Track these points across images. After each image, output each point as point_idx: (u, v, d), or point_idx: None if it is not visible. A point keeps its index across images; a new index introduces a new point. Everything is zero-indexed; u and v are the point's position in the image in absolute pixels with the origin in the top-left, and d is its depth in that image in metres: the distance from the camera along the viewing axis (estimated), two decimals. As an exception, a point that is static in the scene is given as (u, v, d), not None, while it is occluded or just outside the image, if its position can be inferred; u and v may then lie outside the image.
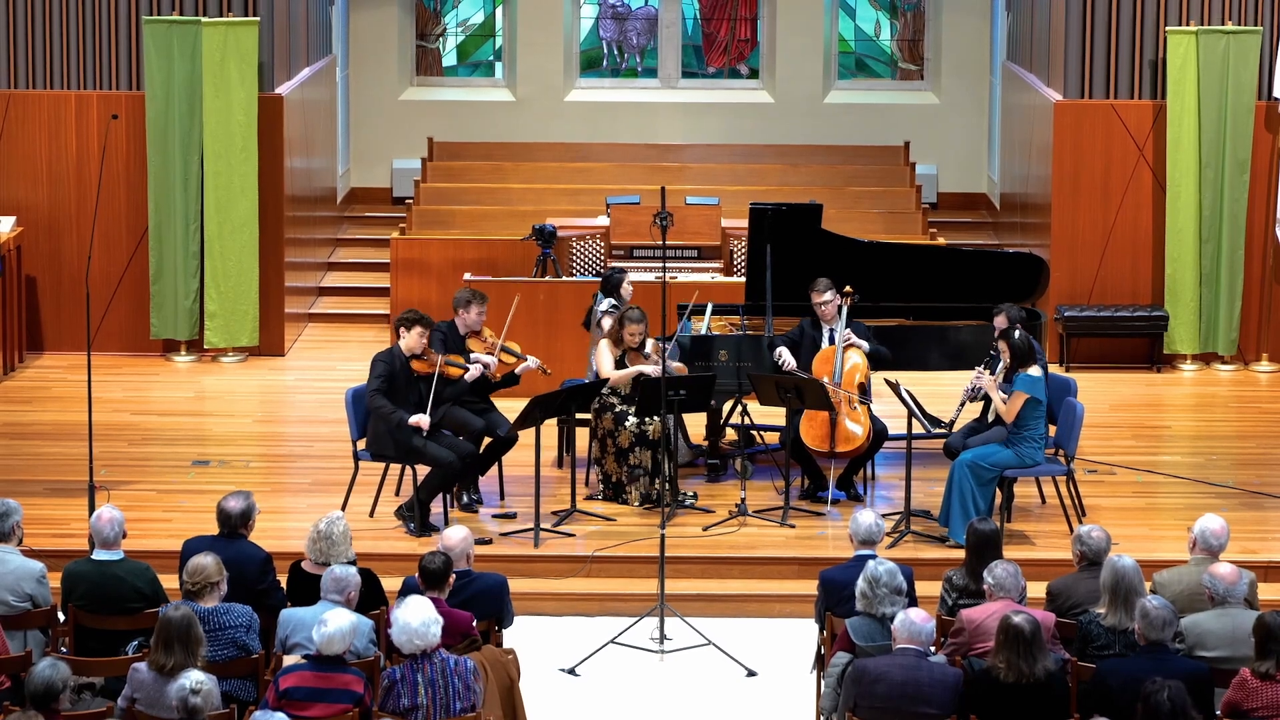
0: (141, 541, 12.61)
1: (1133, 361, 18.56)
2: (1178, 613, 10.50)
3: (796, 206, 16.32)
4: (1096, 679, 10.23)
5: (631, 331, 14.83)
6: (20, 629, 11.28)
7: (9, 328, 17.97)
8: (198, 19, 18.26)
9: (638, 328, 14.84)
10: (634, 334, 14.84)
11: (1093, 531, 11.48)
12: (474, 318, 14.64)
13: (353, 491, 14.54)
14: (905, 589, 10.91)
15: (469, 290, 14.86)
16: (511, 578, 12.02)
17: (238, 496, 11.68)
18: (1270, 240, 18.40)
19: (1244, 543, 13.42)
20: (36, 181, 18.47)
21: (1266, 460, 16.21)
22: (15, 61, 18.45)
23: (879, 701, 10.13)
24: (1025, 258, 16.53)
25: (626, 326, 14.83)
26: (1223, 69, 18.19)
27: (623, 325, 14.86)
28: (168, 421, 16.96)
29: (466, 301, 14.67)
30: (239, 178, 18.38)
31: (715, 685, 12.83)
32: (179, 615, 10.14)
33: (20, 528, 11.64)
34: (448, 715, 10.13)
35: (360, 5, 22.72)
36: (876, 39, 23.19)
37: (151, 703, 9.99)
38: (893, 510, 14.61)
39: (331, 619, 10.20)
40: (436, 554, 11.12)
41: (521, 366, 14.77)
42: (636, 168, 21.58)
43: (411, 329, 14.18)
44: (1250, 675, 10.01)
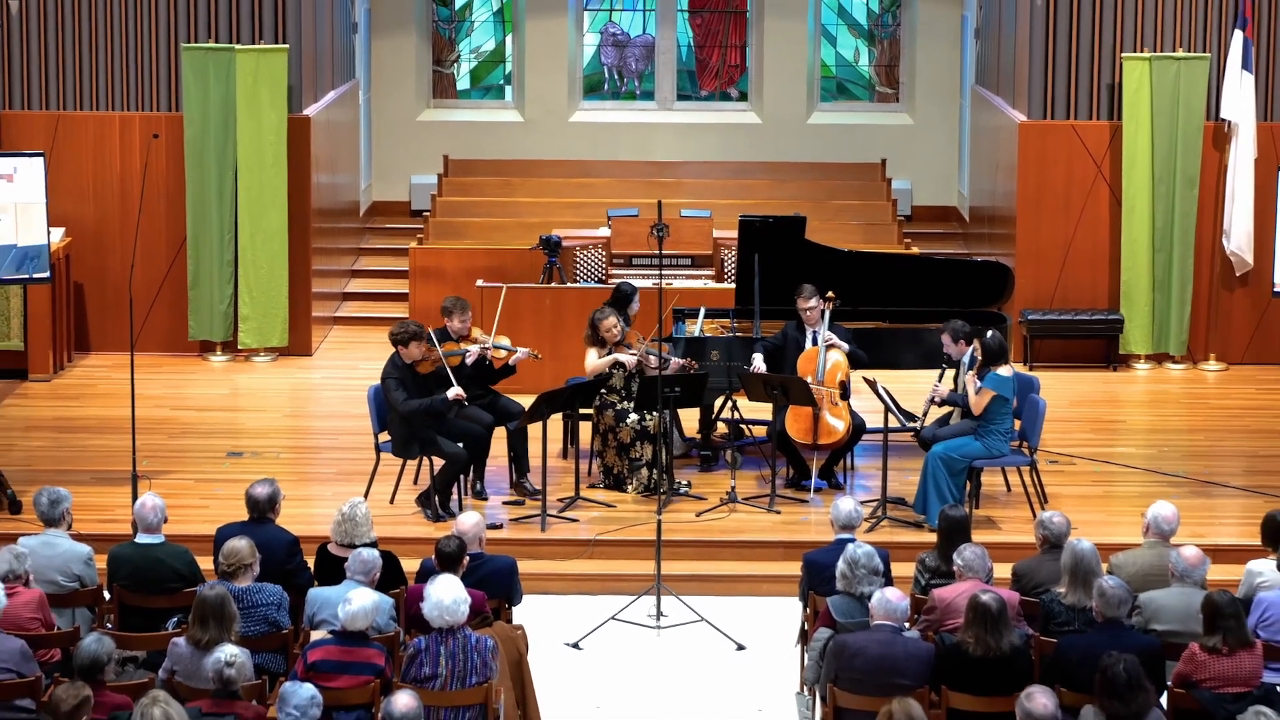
0: (180, 526, 12.62)
1: (1091, 361, 18.57)
2: (1132, 592, 10.51)
3: (782, 218, 16.33)
4: (1058, 653, 10.24)
5: (606, 328, 14.82)
6: (69, 607, 11.30)
7: (58, 330, 17.97)
8: (232, 46, 18.26)
9: (610, 322, 14.80)
10: (609, 329, 14.82)
11: (1054, 517, 11.50)
12: (456, 325, 14.71)
13: (374, 481, 14.55)
14: (882, 570, 10.92)
15: (451, 299, 14.93)
16: (520, 560, 12.03)
17: (264, 483, 11.70)
18: (1218, 250, 18.40)
19: (1193, 528, 13.43)
20: (83, 196, 18.47)
21: (1214, 452, 16.22)
22: (64, 85, 18.46)
23: (858, 674, 10.14)
24: (992, 266, 16.54)
25: (601, 325, 14.81)
26: (1174, 92, 18.20)
27: (596, 327, 14.84)
28: (204, 416, 16.96)
29: (449, 311, 14.77)
30: (270, 192, 18.39)
31: (708, 658, 12.84)
32: (214, 594, 10.16)
33: (69, 514, 11.67)
34: (463, 686, 10.14)
35: (381, 33, 22.71)
36: (856, 65, 23.18)
37: (189, 674, 10.00)
38: (870, 498, 14.61)
39: (355, 597, 10.21)
40: (452, 538, 11.13)
41: (514, 357, 14.79)
42: (635, 183, 21.58)
43: (409, 344, 14.22)
44: (1199, 649, 10.02)
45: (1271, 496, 14.65)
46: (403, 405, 14.08)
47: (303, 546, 11.69)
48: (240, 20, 18.39)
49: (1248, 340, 18.64)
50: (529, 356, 14.84)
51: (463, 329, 14.74)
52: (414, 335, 14.23)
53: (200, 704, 9.49)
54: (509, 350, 14.76)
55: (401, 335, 14.26)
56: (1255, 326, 18.60)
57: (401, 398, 14.07)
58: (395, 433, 14.32)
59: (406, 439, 14.24)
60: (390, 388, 14.12)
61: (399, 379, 14.13)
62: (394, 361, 14.21)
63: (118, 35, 18.40)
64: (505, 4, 23.07)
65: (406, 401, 14.07)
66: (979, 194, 21.23)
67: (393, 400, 14.13)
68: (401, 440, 14.28)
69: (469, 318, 14.80)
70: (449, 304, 14.81)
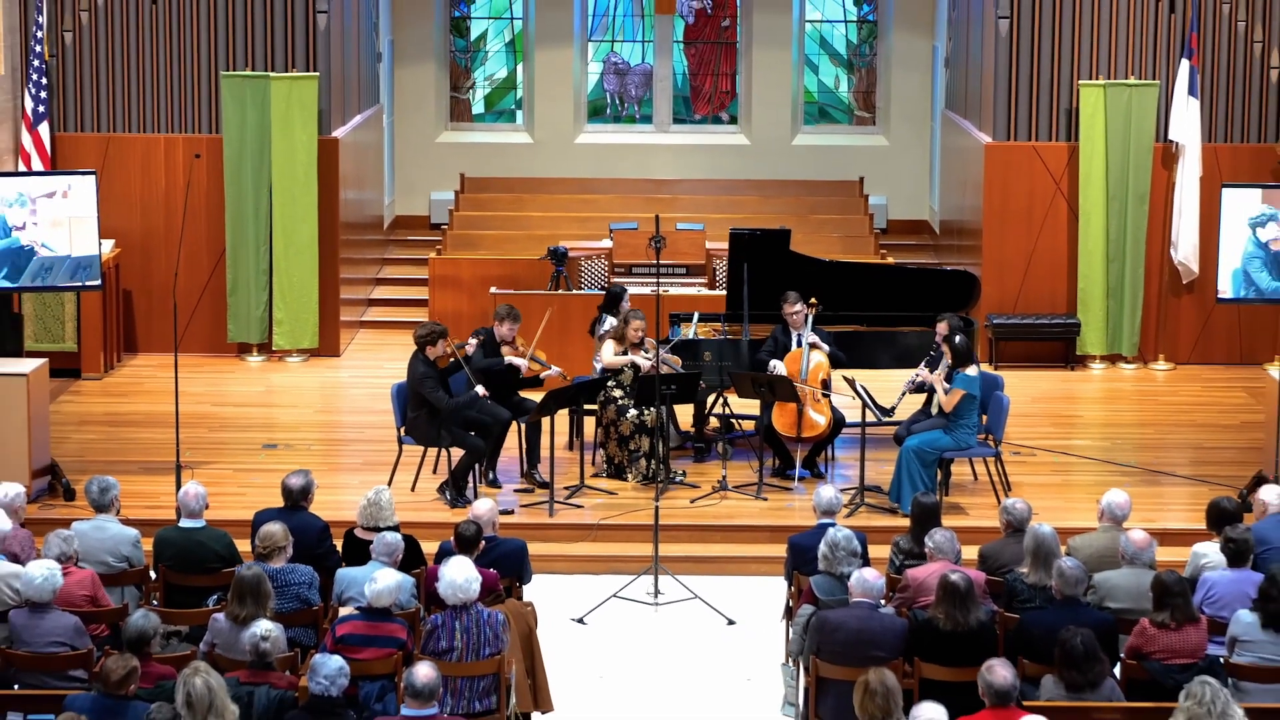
0: (220, 512, 12.63)
1: (1051, 361, 18.56)
2: (1088, 572, 10.52)
3: (769, 231, 16.33)
4: (1020, 628, 10.24)
5: (635, 328, 14.91)
6: (118, 585, 11.31)
7: (109, 333, 17.98)
8: (267, 74, 18.26)
9: (639, 323, 14.93)
10: (637, 329, 14.91)
11: (1017, 504, 11.50)
12: (505, 331, 14.75)
13: (397, 470, 14.56)
14: (860, 552, 10.92)
15: (507, 307, 14.91)
16: (530, 542, 12.03)
17: (298, 474, 11.70)
18: (1166, 260, 18.40)
19: (1143, 513, 13.43)
20: (131, 210, 18.48)
21: (1163, 444, 16.22)
22: (114, 110, 18.46)
23: (838, 646, 10.14)
24: (961, 274, 16.54)
25: (631, 324, 14.91)
26: (1126, 116, 18.20)
27: (627, 323, 14.94)
28: (242, 412, 16.96)
29: (502, 317, 14.78)
30: (301, 207, 18.39)
31: (701, 632, 12.84)
32: (251, 574, 10.15)
33: (118, 500, 11.67)
34: (477, 658, 10.14)
35: (403, 62, 22.71)
36: (836, 91, 23.18)
37: (228, 647, 10.01)
38: (849, 486, 14.61)
39: (380, 577, 10.21)
40: (469, 523, 11.14)
41: (545, 373, 14.84)
42: (635, 199, 21.58)
43: (436, 342, 14.25)
44: (1149, 624, 10.03)
45: (1215, 485, 14.64)
46: (447, 404, 14.10)
47: (332, 531, 11.70)
48: (275, 50, 18.39)
49: (1194, 342, 18.64)
50: (558, 375, 14.89)
51: (509, 335, 14.77)
52: (440, 335, 14.27)
53: (238, 674, 9.49)
54: (543, 365, 14.82)
55: (428, 336, 14.28)
56: (1200, 330, 18.60)
57: (444, 398, 14.10)
58: (423, 426, 14.29)
59: (437, 432, 14.23)
60: (430, 388, 14.09)
61: (436, 378, 14.13)
62: (424, 361, 14.19)
63: (162, 64, 18.41)
64: (516, 35, 23.08)
65: (449, 400, 14.11)
66: (948, 209, 21.23)
67: (435, 400, 14.09)
68: (434, 432, 14.26)
69: (517, 328, 14.83)
70: (504, 311, 14.82)
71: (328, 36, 18.48)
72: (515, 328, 14.82)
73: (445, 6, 22.93)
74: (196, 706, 8.84)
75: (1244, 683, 9.94)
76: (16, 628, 10.13)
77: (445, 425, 14.16)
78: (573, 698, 11.62)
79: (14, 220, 14.41)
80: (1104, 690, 9.51)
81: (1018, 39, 18.41)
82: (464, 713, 10.04)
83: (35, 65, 17.69)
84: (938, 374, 14.16)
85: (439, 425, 14.19)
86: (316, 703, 9.12)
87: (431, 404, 14.11)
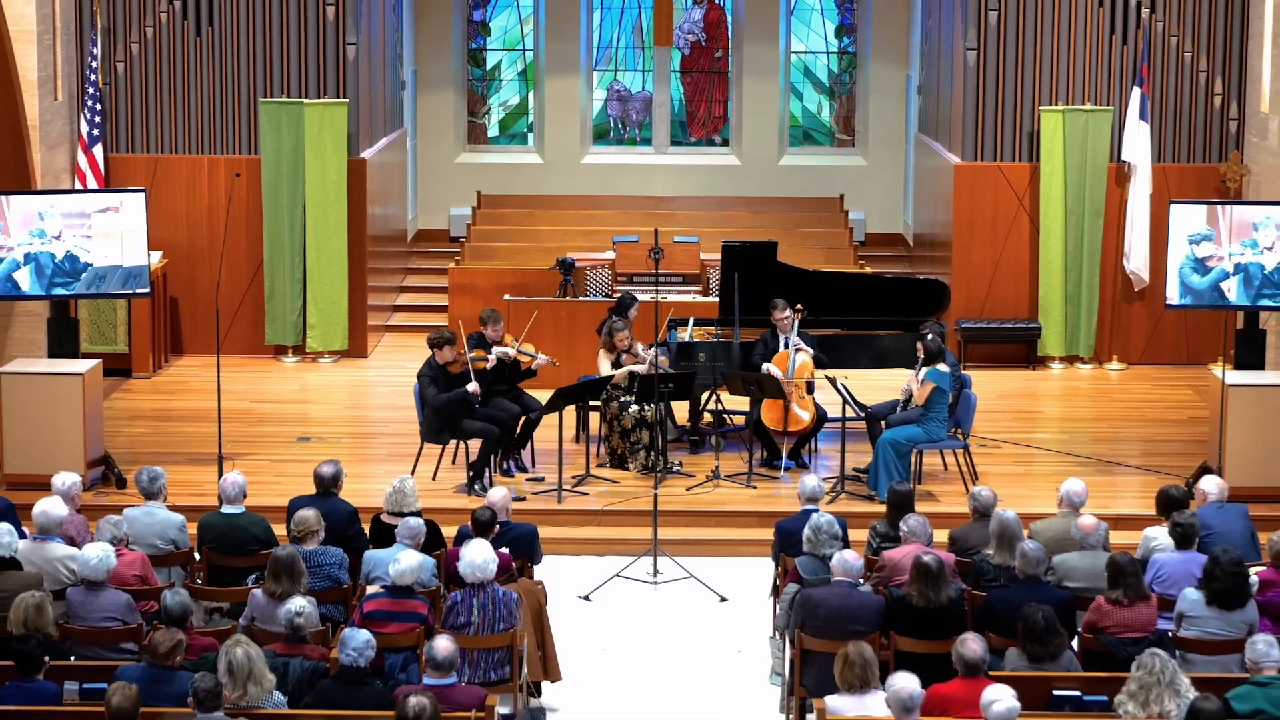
0: (258, 499, 12.60)
1: (1014, 362, 18.56)
2: (1049, 554, 10.51)
3: (758, 243, 16.31)
4: (986, 604, 10.23)
5: (620, 337, 14.90)
6: (166, 566, 11.32)
7: (157, 336, 17.98)
8: (301, 100, 18.26)
9: (624, 333, 14.90)
10: (622, 338, 14.90)
11: (983, 491, 11.50)
12: (490, 332, 14.75)
13: (419, 461, 14.55)
14: (841, 535, 10.92)
15: (487, 311, 15.05)
16: (540, 526, 12.03)
17: (329, 464, 11.70)
18: (1119, 270, 18.40)
19: (1099, 500, 13.43)
20: (178, 224, 18.48)
21: (1116, 437, 16.22)
22: (161, 133, 18.46)
23: (820, 621, 10.14)
24: (932, 283, 16.52)
25: (616, 335, 14.90)
26: (1083, 138, 18.19)
27: (612, 335, 14.92)
28: (278, 408, 16.96)
29: (485, 320, 14.84)
30: (332, 222, 18.39)
31: (696, 608, 12.83)
32: (286, 554, 10.16)
33: (165, 489, 11.68)
34: (493, 632, 10.14)
35: (425, 89, 22.71)
36: (818, 116, 23.17)
37: (266, 620, 10.01)
38: (831, 475, 14.61)
39: (404, 558, 10.22)
40: (485, 509, 11.13)
41: (535, 362, 14.83)
42: (636, 214, 21.57)
43: (443, 348, 14.27)
44: (1104, 601, 10.02)
45: (1164, 474, 14.64)
46: (433, 399, 14.13)
47: (360, 515, 11.69)
48: (308, 79, 18.39)
49: (1144, 345, 18.63)
50: (548, 363, 14.88)
51: (495, 335, 14.78)
52: (447, 341, 14.30)
53: (274, 646, 9.49)
54: (531, 356, 14.80)
55: (436, 340, 14.32)
56: (1151, 333, 18.59)
57: (433, 393, 14.12)
58: (427, 423, 14.32)
59: (438, 428, 14.26)
60: (424, 384, 14.17)
61: (432, 377, 14.19)
62: (429, 363, 14.25)
63: (206, 91, 18.41)
64: (528, 65, 23.07)
65: (436, 396, 14.12)
66: (921, 223, 21.22)
67: (425, 395, 14.16)
68: (434, 430, 14.29)
69: (500, 327, 14.85)
70: (485, 315, 14.89)
71: (357, 66, 18.48)
72: (499, 328, 14.83)
73: (463, 39, 22.93)
74: (237, 674, 8.85)
75: (1190, 654, 9.95)
76: (73, 604, 10.14)
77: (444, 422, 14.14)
78: (579, 668, 11.61)
79: (70, 234, 14.41)
80: (1063, 661, 9.52)
81: (984, 69, 18.41)
82: (480, 681, 10.04)
83: (90, 92, 17.69)
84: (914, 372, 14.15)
85: (440, 424, 14.18)
86: (346, 672, 9.12)
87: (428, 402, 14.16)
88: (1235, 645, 9.87)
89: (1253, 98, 18.06)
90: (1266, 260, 14.37)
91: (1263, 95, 17.76)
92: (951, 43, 19.10)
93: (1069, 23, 18.29)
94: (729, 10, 22.93)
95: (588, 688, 11.44)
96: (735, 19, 22.86)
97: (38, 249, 14.33)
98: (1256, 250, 14.37)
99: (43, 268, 14.35)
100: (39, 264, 14.34)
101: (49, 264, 14.35)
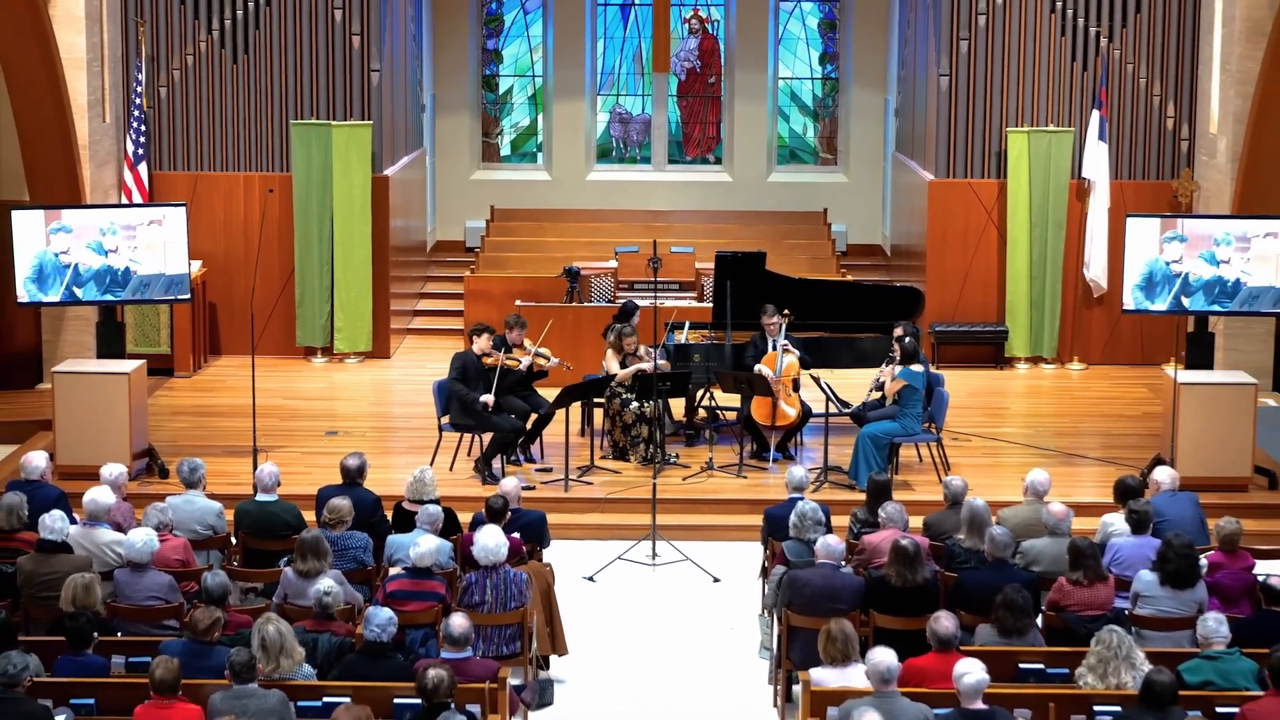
0: (290, 488, 12.59)
1: (983, 362, 18.54)
2: (1015, 538, 10.52)
3: (748, 253, 16.31)
4: (958, 585, 10.24)
5: (629, 341, 14.93)
6: (205, 549, 11.32)
7: (197, 338, 17.97)
8: (329, 122, 18.26)
9: (633, 337, 14.93)
10: (630, 342, 14.93)
11: (955, 480, 11.50)
12: (514, 335, 14.75)
13: (438, 453, 14.55)
14: (824, 521, 10.93)
15: (514, 316, 15.03)
16: (549, 513, 12.03)
17: (354, 456, 11.71)
18: (1080, 278, 18.39)
19: (1060, 489, 13.42)
20: (216, 236, 18.47)
21: (1077, 431, 16.21)
22: (201, 152, 18.46)
23: (806, 600, 10.14)
24: (908, 290, 16.52)
25: (625, 338, 14.94)
26: (1046, 157, 18.19)
27: (622, 337, 14.96)
28: (307, 404, 16.95)
29: (511, 325, 14.83)
30: (358, 234, 18.38)
31: (691, 588, 12.83)
32: (310, 536, 10.23)
33: (205, 479, 11.68)
34: (505, 610, 10.14)
35: (443, 112, 22.70)
36: (804, 136, 23.16)
37: (297, 596, 10.02)
38: (815, 466, 14.60)
39: (423, 542, 10.22)
40: (498, 497, 11.14)
41: (550, 364, 14.85)
42: (636, 226, 21.55)
43: (480, 336, 14.33)
44: (1066, 582, 10.03)
45: (1121, 465, 14.64)
46: (452, 385, 14.15)
47: (383, 503, 11.69)
48: (335, 102, 18.38)
49: (1103, 346, 18.62)
50: (561, 366, 14.91)
51: (517, 339, 14.79)
52: (486, 330, 14.43)
53: (304, 623, 9.50)
54: (547, 358, 14.84)
55: (477, 328, 14.51)
56: (1109, 336, 18.58)
57: (461, 387, 14.15)
58: (456, 413, 14.33)
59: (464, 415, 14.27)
60: (454, 366, 14.29)
61: (462, 365, 14.20)
62: (467, 351, 14.29)
63: (241, 114, 18.40)
64: (537, 90, 23.06)
65: (455, 383, 14.14)
66: (898, 234, 21.21)
67: (449, 378, 14.22)
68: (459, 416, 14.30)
69: (525, 331, 14.88)
70: (510, 320, 14.90)
71: (380, 91, 18.47)
72: (523, 331, 14.85)
73: (478, 66, 22.93)
74: (270, 648, 8.85)
75: (1145, 631, 9.96)
76: (120, 585, 10.15)
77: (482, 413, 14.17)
78: (584, 643, 11.61)
79: (117, 246, 14.41)
80: (1029, 637, 9.52)
81: (955, 93, 18.40)
82: (493, 655, 10.04)
83: (135, 115, 17.69)
84: (889, 368, 14.16)
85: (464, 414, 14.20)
86: (370, 647, 9.13)
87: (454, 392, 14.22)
88: (1186, 622, 9.88)
89: (1202, 119, 18.06)
90: (1223, 272, 14.36)
91: (1211, 117, 17.76)
92: (926, 69, 19.10)
93: (1034, 50, 18.29)
94: (722, 39, 22.93)
95: (592, 661, 11.43)
96: (727, 47, 22.86)
97: (95, 261, 14.34)
98: (1213, 263, 14.38)
99: (101, 277, 14.37)
100: (96, 274, 14.36)
101: (106, 274, 14.37)
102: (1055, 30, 18.27)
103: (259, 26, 18.29)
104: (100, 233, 14.34)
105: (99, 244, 14.34)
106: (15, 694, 8.46)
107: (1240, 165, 16.92)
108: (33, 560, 10.30)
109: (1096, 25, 18.23)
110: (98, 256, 14.35)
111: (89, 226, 14.33)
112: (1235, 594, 10.37)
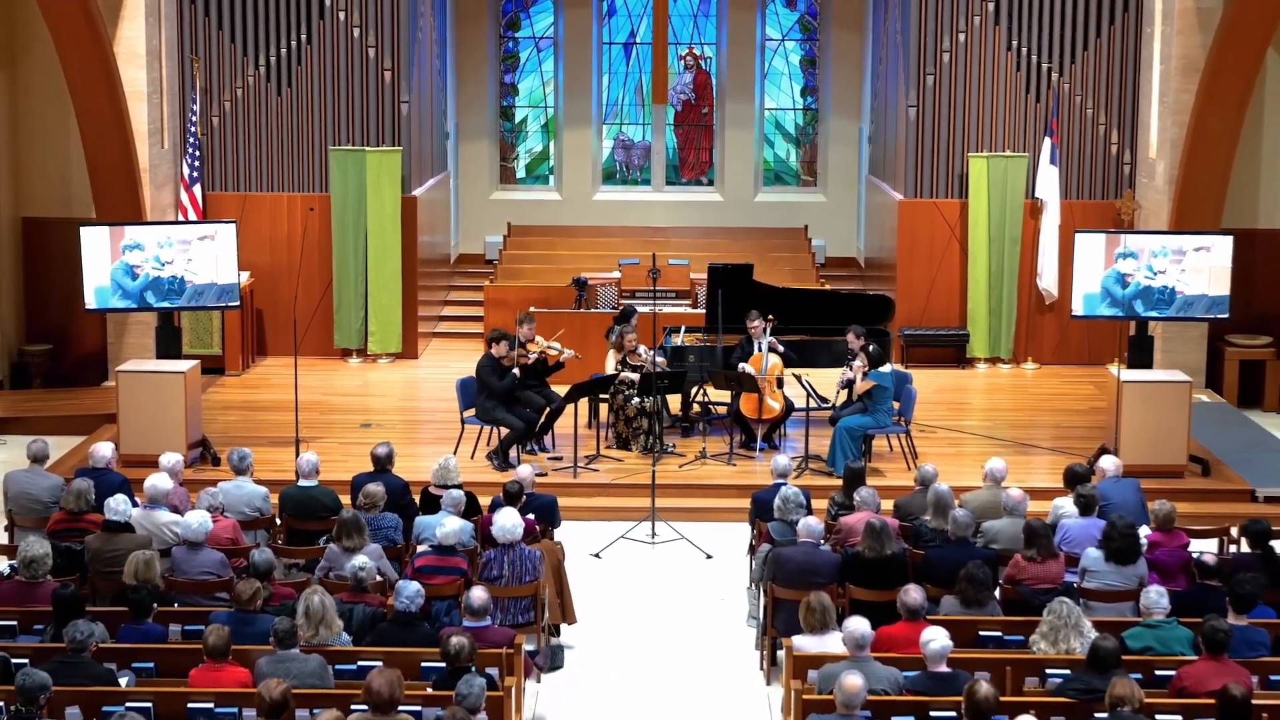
0: (328, 474, 12.62)
1: (947, 362, 18.55)
2: (976, 520, 10.51)
3: (737, 265, 16.28)
4: (924, 561, 10.25)
5: (629, 340, 14.93)
6: (252, 529, 11.32)
7: (245, 341, 17.97)
8: (363, 148, 18.26)
9: (632, 336, 14.93)
10: (631, 341, 14.93)
11: (927, 466, 11.54)
12: (524, 332, 14.74)
13: (460, 443, 14.54)
14: (805, 504, 10.93)
15: (524, 314, 15.04)
16: (559, 497, 12.03)
17: (383, 445, 11.72)
18: (1033, 287, 18.39)
19: (1016, 475, 13.42)
20: (262, 250, 18.47)
21: (1031, 424, 16.20)
22: (249, 175, 18.47)
23: (788, 575, 10.14)
24: (880, 297, 16.50)
25: (625, 338, 14.93)
26: (1004, 180, 18.19)
27: (622, 338, 14.95)
28: (344, 400, 16.95)
29: (521, 322, 14.81)
30: (389, 248, 18.38)
31: (686, 564, 12.83)
32: (350, 515, 10.27)
33: (252, 466, 11.69)
34: (520, 584, 10.14)
35: (465, 139, 22.68)
36: (787, 161, 23.14)
37: (339, 570, 10.01)
38: (797, 455, 14.59)
39: (448, 523, 10.23)
40: (513, 483, 11.14)
41: (563, 356, 14.84)
42: (637, 241, 21.55)
43: (499, 343, 14.30)
44: (1021, 558, 10.04)
45: (1070, 454, 14.63)
46: (497, 385, 14.14)
47: (411, 488, 11.69)
48: (369, 130, 18.38)
49: (1054, 348, 18.62)
50: (573, 356, 14.91)
51: (528, 335, 14.77)
52: (503, 337, 14.40)
53: (341, 595, 9.50)
54: (559, 350, 14.82)
55: (495, 336, 14.42)
56: (1059, 339, 18.58)
57: (495, 381, 14.15)
58: (483, 407, 14.32)
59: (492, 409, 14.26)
60: (486, 374, 14.23)
61: (492, 368, 14.20)
62: (488, 356, 14.26)
63: (286, 140, 18.40)
64: (549, 119, 23.05)
65: (499, 383, 14.13)
66: (871, 248, 21.21)
67: (490, 383, 14.18)
68: (487, 411, 14.29)
69: (534, 327, 14.85)
70: (522, 317, 14.89)
71: (409, 120, 18.47)
72: (533, 327, 14.83)
73: (496, 98, 22.92)
74: (312, 617, 8.86)
75: (1092, 602, 9.95)
76: (177, 561, 10.15)
77: (499, 406, 14.17)
78: (591, 612, 11.61)
79: (174, 259, 14.41)
80: (988, 608, 9.52)
81: (922, 122, 18.40)
82: (510, 624, 10.04)
83: (191, 141, 17.69)
84: (858, 368, 14.17)
85: (494, 408, 14.20)
86: (400, 617, 9.13)
87: (489, 388, 14.18)
88: (1129, 595, 9.88)
89: (1143, 146, 18.07)
90: (1158, 281, 14.35)
91: (1150, 144, 17.77)
92: (896, 101, 19.10)
93: (992, 84, 18.29)
94: (714, 74, 22.92)
95: (598, 629, 11.43)
96: (719, 81, 22.86)
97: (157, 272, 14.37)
98: (1151, 274, 14.37)
99: (160, 286, 14.38)
100: (156, 284, 14.37)
101: (165, 283, 14.38)
102: (1011, 66, 18.27)
103: (301, 62, 18.29)
104: (159, 247, 14.34)
105: (158, 257, 14.35)
106: (83, 658, 8.51)
107: (1176, 186, 16.95)
108: (99, 539, 10.31)
109: (1048, 62, 18.23)
110: (158, 268, 14.36)
111: (150, 242, 14.33)
112: (1172, 569, 10.38)
